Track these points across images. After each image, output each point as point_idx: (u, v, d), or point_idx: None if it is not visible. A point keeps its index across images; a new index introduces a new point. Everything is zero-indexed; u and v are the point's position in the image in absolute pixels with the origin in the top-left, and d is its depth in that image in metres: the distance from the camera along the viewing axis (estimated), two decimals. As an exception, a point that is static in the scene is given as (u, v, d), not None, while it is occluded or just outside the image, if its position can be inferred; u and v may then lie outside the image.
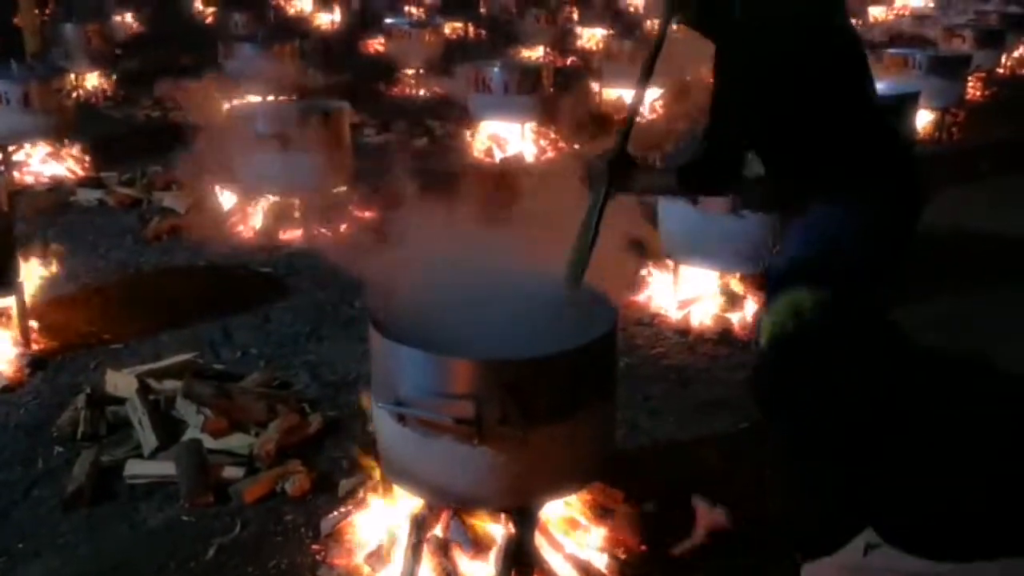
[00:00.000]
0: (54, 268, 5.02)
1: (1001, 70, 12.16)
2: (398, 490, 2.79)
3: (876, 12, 20.84)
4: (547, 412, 2.45)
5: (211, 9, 20.03)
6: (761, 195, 4.06)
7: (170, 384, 3.65)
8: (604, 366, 2.64)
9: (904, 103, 6.68)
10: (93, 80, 10.66)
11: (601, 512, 2.89)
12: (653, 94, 9.52)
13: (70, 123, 7.41)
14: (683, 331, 4.48)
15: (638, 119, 2.81)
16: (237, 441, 3.30)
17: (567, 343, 2.48)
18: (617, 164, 2.73)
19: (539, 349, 2.46)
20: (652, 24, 16.36)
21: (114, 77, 10.92)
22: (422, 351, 2.44)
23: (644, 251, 4.76)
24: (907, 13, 20.43)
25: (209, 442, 3.26)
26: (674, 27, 2.76)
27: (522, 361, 2.43)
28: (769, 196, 4.06)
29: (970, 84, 9.89)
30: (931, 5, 21.20)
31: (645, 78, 2.93)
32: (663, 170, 2.77)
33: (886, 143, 2.63)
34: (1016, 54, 13.44)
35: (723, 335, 4.41)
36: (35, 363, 4.02)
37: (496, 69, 8.13)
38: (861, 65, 2.61)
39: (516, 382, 2.39)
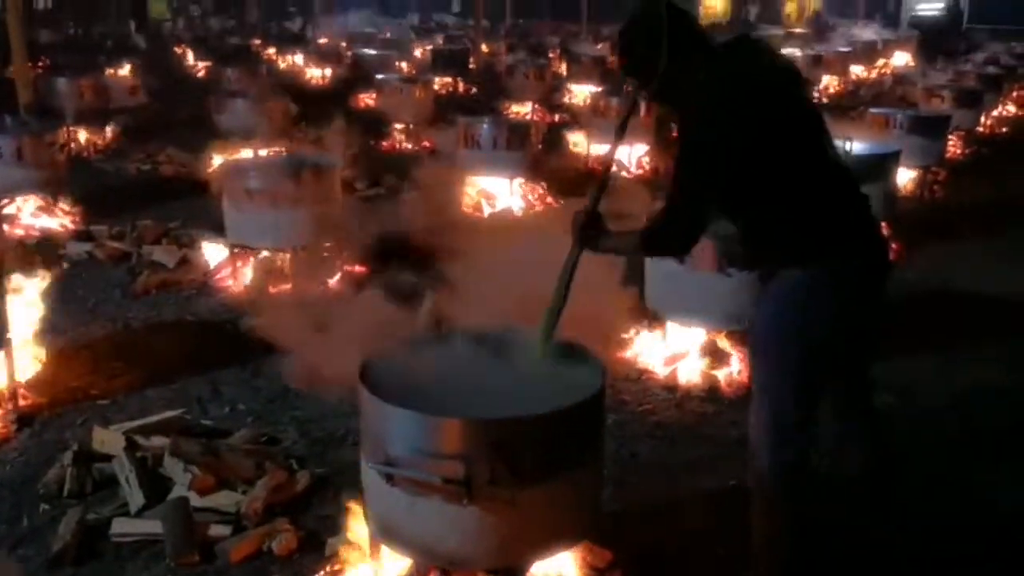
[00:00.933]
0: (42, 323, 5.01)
1: (980, 129, 12.38)
2: (386, 550, 2.79)
3: (857, 70, 21.29)
4: (536, 471, 2.47)
5: (203, 63, 20.29)
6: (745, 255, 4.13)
7: (158, 441, 3.64)
8: (593, 425, 2.66)
9: (886, 162, 6.80)
10: (85, 133, 10.73)
11: (590, 572, 2.89)
12: (638, 151, 9.70)
13: (62, 177, 7.47)
14: (670, 388, 4.51)
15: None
16: (224, 499, 3.29)
17: (556, 403, 2.50)
18: (587, 225, 2.80)
19: (528, 409, 2.48)
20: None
21: (106, 130, 10.99)
22: (411, 411, 2.46)
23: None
24: (889, 72, 20.87)
25: (196, 500, 3.24)
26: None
27: (511, 420, 2.45)
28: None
29: (950, 143, 10.07)
30: (911, 65, 21.65)
31: (618, 139, 3.02)
32: (628, 232, 2.83)
33: (851, 205, 2.69)
34: (994, 113, 13.71)
35: (710, 392, 4.44)
36: (22, 419, 4.01)
37: (485, 125, 8.24)
38: (819, 130, 2.68)
39: (505, 441, 2.42)
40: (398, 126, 11.59)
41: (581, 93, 15.12)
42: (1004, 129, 13.55)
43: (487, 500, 2.45)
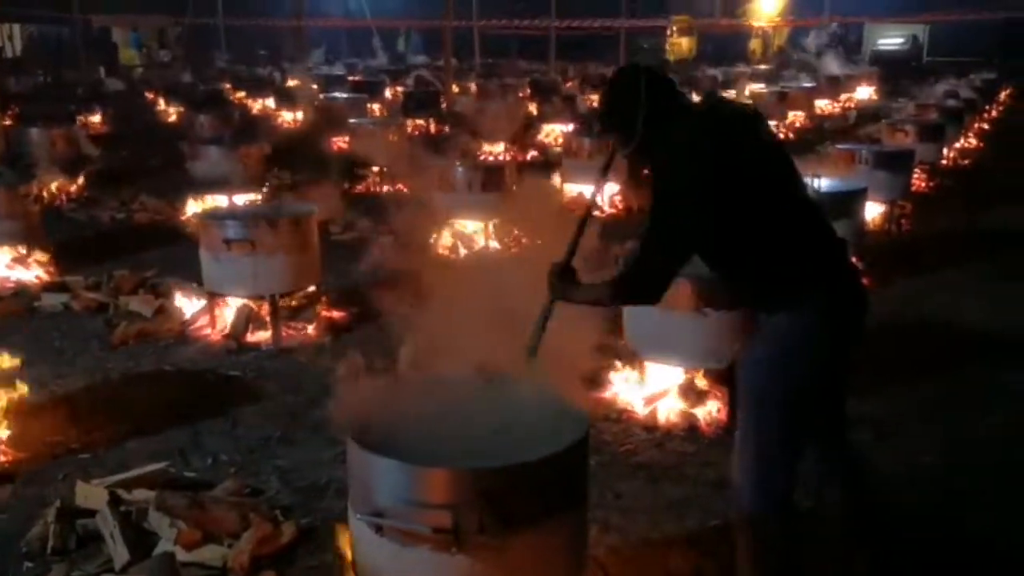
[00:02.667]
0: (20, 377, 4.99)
1: (944, 162, 12.64)
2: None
3: (822, 104, 21.70)
4: (524, 519, 2.50)
5: (175, 109, 20.31)
6: (723, 295, 4.22)
7: (141, 494, 3.63)
8: (577, 470, 2.70)
9: (854, 198, 6.95)
10: (57, 182, 10.70)
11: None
12: (611, 189, 9.81)
13: (36, 228, 7.45)
14: (651, 427, 4.55)
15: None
16: (210, 553, 3.29)
17: (541, 450, 2.54)
18: (559, 277, 2.88)
19: (514, 456, 2.52)
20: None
21: (79, 179, 10.98)
22: (399, 462, 2.49)
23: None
24: (852, 106, 21.28)
25: (182, 555, 3.24)
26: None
27: (499, 469, 2.49)
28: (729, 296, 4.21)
29: (915, 177, 10.28)
30: (875, 98, 22.09)
31: (598, 188, 3.09)
32: (599, 284, 2.90)
33: (826, 244, 2.76)
34: (956, 146, 14.00)
35: (690, 431, 4.49)
36: (2, 476, 3.98)
37: (460, 168, 8.32)
38: (789, 171, 2.76)
39: (493, 490, 2.45)
40: (372, 169, 11.67)
41: (553, 132, 15.32)
42: (966, 161, 13.86)
43: (475, 548, 2.48)
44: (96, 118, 16.83)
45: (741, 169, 2.62)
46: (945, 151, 12.77)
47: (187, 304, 6.23)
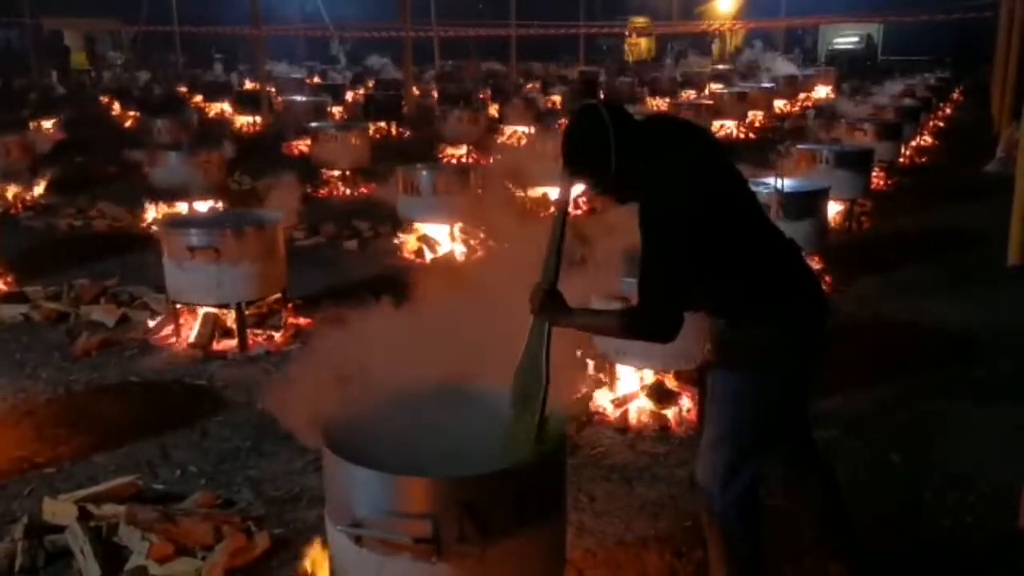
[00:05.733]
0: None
1: (901, 160, 12.84)
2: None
3: (780, 104, 21.96)
4: (504, 526, 2.50)
5: (130, 113, 20.06)
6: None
7: (110, 509, 3.58)
8: (556, 477, 2.71)
9: (816, 198, 7.03)
10: (12, 189, 10.53)
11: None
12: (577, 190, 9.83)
13: (-7, 237, 7.32)
14: (622, 429, 4.57)
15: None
16: (183, 566, 3.25)
17: (519, 458, 2.54)
18: (552, 302, 2.77)
19: (493, 465, 2.52)
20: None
21: (34, 187, 10.79)
22: (379, 472, 2.48)
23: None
24: (811, 105, 21.55)
25: (155, 568, 3.20)
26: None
27: (479, 478, 2.48)
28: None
29: (874, 175, 10.43)
30: (832, 98, 22.38)
31: (561, 223, 2.98)
32: (600, 312, 2.87)
33: (790, 256, 2.81)
34: (913, 144, 14.24)
35: (661, 432, 4.52)
36: (-34, 493, 3.91)
37: (425, 172, 8.31)
38: (743, 183, 2.82)
39: (474, 499, 2.45)
40: (335, 173, 11.60)
41: (516, 134, 15.35)
42: (923, 159, 14.10)
43: (456, 557, 2.48)
44: (49, 124, 16.57)
45: (718, 191, 2.68)
46: (903, 149, 12.98)
47: (150, 314, 6.15)
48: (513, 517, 2.51)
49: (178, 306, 5.90)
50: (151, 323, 6.10)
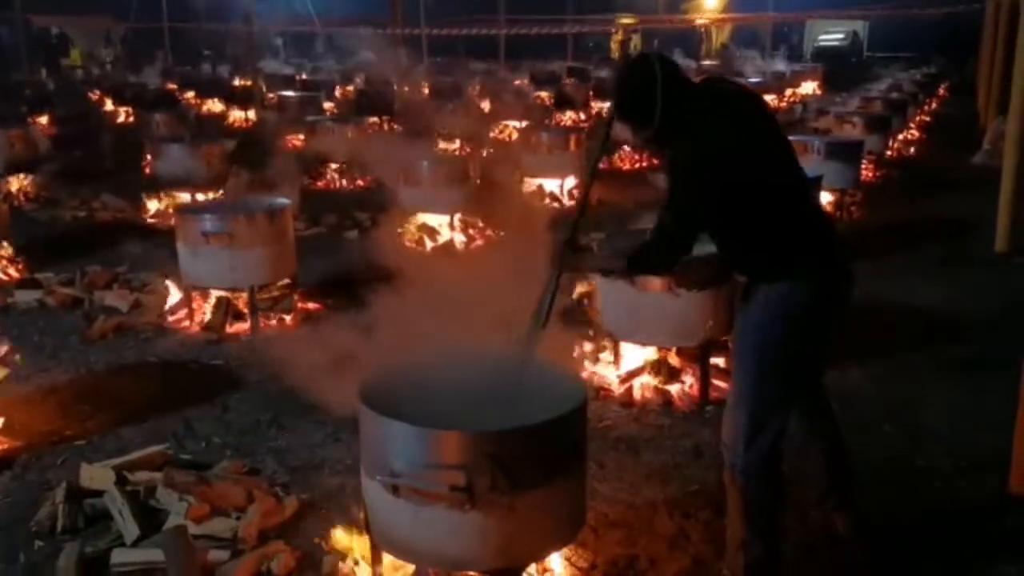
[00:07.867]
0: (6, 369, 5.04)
1: (889, 152, 13.08)
2: (387, 559, 2.96)
3: (769, 98, 22.15)
4: (532, 478, 2.69)
5: (123, 109, 20.11)
6: (696, 276, 4.45)
7: (143, 475, 3.74)
8: (579, 433, 2.90)
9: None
10: (16, 182, 10.65)
11: (575, 572, 3.11)
12: (569, 183, 10.03)
13: (4, 226, 7.44)
14: (627, 403, 4.76)
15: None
16: (219, 525, 3.41)
17: (547, 414, 2.73)
18: (568, 248, 3.06)
19: (523, 420, 2.70)
20: (561, 117, 17.13)
21: (37, 179, 10.91)
22: (418, 426, 2.66)
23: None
24: (798, 100, 21.78)
25: (192, 528, 3.36)
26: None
27: (510, 432, 2.66)
28: (703, 277, 4.45)
29: (863, 167, 10.65)
30: (818, 93, 22.62)
31: (591, 177, 3.28)
32: (610, 254, 3.10)
33: (818, 218, 3.00)
34: (900, 137, 14.49)
35: (665, 406, 4.71)
36: (1, 463, 4.06)
37: (424, 163, 8.47)
38: (788, 150, 2.98)
39: (504, 451, 2.63)
40: (332, 166, 11.75)
41: (507, 128, 15.50)
42: (911, 151, 14.35)
43: (488, 506, 2.66)
44: (44, 119, 16.64)
45: (757, 151, 2.84)
46: (890, 142, 13.21)
47: (163, 298, 6.30)
48: (541, 468, 2.70)
49: (191, 290, 6.05)
50: (163, 308, 6.24)
